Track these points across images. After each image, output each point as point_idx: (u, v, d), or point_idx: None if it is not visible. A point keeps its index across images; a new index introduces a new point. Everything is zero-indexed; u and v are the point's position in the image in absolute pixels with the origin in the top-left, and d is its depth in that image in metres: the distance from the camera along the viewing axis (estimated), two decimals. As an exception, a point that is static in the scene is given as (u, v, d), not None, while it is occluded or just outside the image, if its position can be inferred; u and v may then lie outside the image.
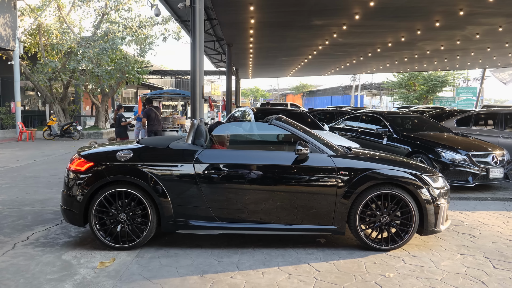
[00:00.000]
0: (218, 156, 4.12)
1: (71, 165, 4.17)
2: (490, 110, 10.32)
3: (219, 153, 4.22)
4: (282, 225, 4.05)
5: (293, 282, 3.38)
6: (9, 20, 16.43)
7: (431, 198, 4.07)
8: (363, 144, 8.04)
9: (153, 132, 10.36)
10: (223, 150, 4.43)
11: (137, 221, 4.02)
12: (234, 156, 4.15)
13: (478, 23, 14.55)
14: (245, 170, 4.03)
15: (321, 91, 64.13)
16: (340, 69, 31.68)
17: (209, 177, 4.00)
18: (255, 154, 4.22)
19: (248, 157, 4.11)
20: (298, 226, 4.05)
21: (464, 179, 6.89)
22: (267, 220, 4.04)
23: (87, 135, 18.12)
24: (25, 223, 4.88)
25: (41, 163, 9.85)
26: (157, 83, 41.64)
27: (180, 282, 3.38)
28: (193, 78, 7.79)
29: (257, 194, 4.01)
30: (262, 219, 4.04)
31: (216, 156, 4.13)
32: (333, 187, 4.01)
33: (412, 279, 3.47)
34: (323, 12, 13.06)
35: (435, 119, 10.94)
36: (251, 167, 4.03)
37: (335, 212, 4.02)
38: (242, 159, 4.08)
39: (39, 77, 17.24)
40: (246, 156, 4.14)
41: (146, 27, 19.50)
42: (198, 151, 4.10)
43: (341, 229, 4.06)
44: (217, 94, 63.26)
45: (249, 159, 4.09)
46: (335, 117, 13.22)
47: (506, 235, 4.68)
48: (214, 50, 22.54)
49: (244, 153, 4.24)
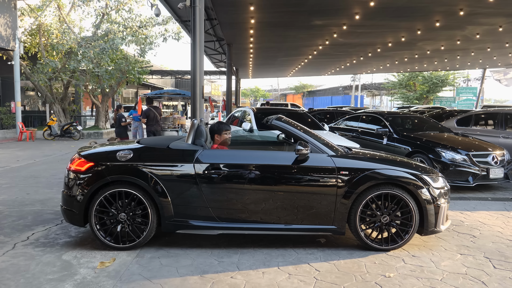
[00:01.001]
0: (218, 156, 4.12)
1: (71, 165, 4.16)
2: (490, 110, 10.32)
3: (219, 153, 4.22)
4: (282, 225, 4.05)
5: (293, 282, 3.38)
6: (9, 20, 16.43)
7: (431, 198, 4.07)
8: (363, 144, 8.04)
9: (152, 132, 10.36)
10: (223, 150, 4.42)
11: (137, 221, 4.02)
12: (234, 156, 4.15)
13: (478, 23, 14.56)
14: (245, 170, 4.03)
15: (321, 91, 64.15)
16: (340, 69, 31.69)
17: (209, 177, 4.01)
18: (255, 154, 4.21)
19: (248, 157, 4.11)
20: (298, 226, 4.05)
21: (464, 179, 6.89)
22: (267, 220, 4.04)
23: (87, 135, 18.12)
24: (25, 223, 4.88)
25: (41, 163, 9.86)
26: (157, 83, 41.66)
27: (180, 282, 3.38)
28: (193, 78, 7.79)
29: (257, 194, 4.01)
30: (262, 219, 4.04)
31: (216, 156, 4.13)
32: (333, 187, 4.01)
33: (412, 279, 3.47)
34: (323, 12, 13.07)
35: (435, 119, 10.94)
36: (251, 167, 4.03)
37: (335, 212, 4.02)
38: (242, 159, 4.08)
39: (39, 77, 17.24)
40: (246, 156, 4.14)
41: (147, 27, 19.51)
42: (198, 151, 4.10)
43: (341, 229, 4.06)
44: (217, 94, 63.31)
45: (249, 159, 4.08)
46: (335, 117, 13.22)
47: (506, 235, 4.68)
48: (214, 50, 22.54)
49: (244, 153, 4.24)
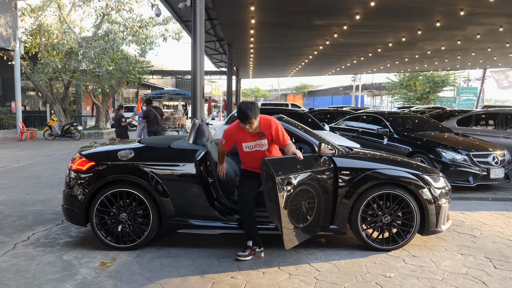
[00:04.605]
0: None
1: (73, 165, 4.17)
2: (490, 110, 10.32)
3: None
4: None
5: (294, 282, 3.38)
6: (9, 20, 16.43)
7: (432, 198, 4.07)
8: (363, 144, 8.04)
9: (153, 133, 10.36)
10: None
11: (138, 221, 4.02)
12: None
13: (478, 23, 14.54)
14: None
15: (322, 91, 64.11)
16: (340, 69, 31.67)
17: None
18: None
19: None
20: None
21: (465, 179, 6.88)
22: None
23: (87, 135, 18.12)
24: (25, 223, 4.88)
25: (41, 163, 9.86)
26: (158, 83, 41.64)
27: (181, 282, 3.38)
28: (194, 78, 7.79)
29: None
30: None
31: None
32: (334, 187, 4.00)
33: (412, 279, 3.46)
34: (323, 12, 13.06)
35: (435, 119, 10.93)
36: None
37: (337, 212, 4.02)
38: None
39: (39, 77, 17.26)
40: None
41: (147, 27, 19.52)
42: (199, 150, 4.10)
43: (342, 229, 4.05)
44: (217, 94, 63.26)
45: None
46: (336, 117, 13.21)
47: (506, 235, 4.67)
48: (215, 50, 22.54)
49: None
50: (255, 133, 3.76)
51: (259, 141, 3.78)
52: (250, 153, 3.86)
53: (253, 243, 3.84)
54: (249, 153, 3.86)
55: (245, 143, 3.82)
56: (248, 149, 3.83)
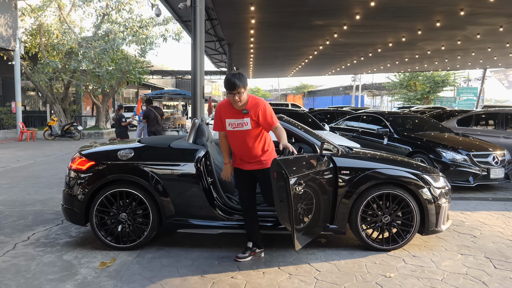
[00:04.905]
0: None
1: (73, 164, 4.16)
2: (490, 110, 10.32)
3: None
4: (283, 225, 4.03)
5: (294, 282, 3.38)
6: (9, 20, 16.44)
7: (432, 198, 4.06)
8: (363, 144, 8.03)
9: (153, 133, 10.36)
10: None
11: (138, 221, 4.02)
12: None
13: (478, 23, 14.54)
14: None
15: (322, 91, 64.10)
16: (340, 69, 31.67)
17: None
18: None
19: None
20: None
21: (465, 179, 6.88)
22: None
23: (87, 135, 18.13)
24: (25, 223, 4.88)
25: (41, 163, 9.86)
26: (158, 83, 41.63)
27: (181, 282, 3.38)
28: (194, 78, 7.79)
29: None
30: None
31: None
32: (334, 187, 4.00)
33: (412, 279, 3.46)
34: (323, 12, 13.06)
35: (435, 119, 10.93)
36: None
37: (336, 212, 4.02)
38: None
39: (39, 77, 17.26)
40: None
41: (147, 28, 19.52)
42: (199, 150, 4.10)
43: (342, 228, 4.05)
44: (217, 94, 63.27)
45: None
46: (336, 117, 13.21)
47: (507, 235, 4.67)
48: (215, 50, 22.54)
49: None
50: (240, 109, 3.57)
51: (241, 120, 3.58)
52: (234, 135, 3.64)
53: (253, 245, 3.84)
54: (233, 135, 3.64)
55: (229, 119, 3.61)
56: (230, 127, 3.61)
